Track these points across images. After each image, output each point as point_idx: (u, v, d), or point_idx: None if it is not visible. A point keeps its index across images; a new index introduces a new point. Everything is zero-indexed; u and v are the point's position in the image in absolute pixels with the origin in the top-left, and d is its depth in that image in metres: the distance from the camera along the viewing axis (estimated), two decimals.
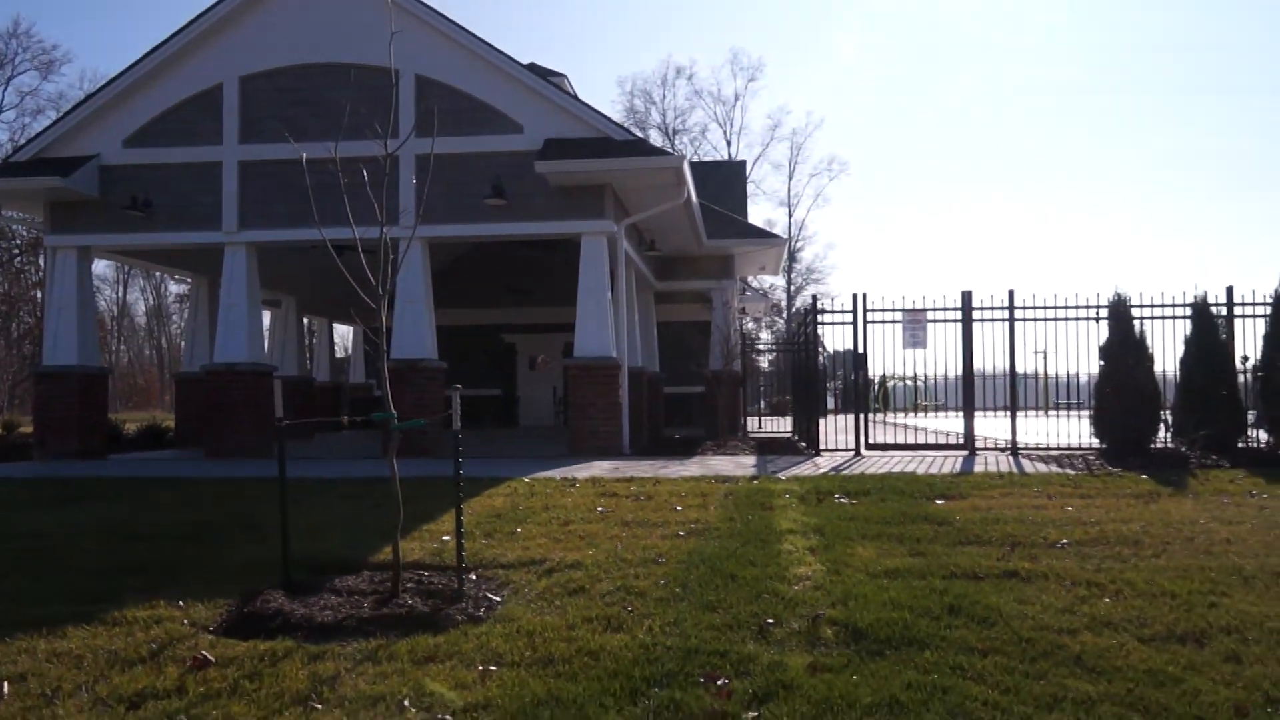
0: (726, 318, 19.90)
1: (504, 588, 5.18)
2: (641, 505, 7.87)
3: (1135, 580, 5.08)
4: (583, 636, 4.23)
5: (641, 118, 55.20)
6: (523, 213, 13.61)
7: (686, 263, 20.08)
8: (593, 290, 13.58)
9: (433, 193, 13.06)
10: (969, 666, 3.79)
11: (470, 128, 13.62)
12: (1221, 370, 11.68)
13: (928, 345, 13.27)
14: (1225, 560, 5.54)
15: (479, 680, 3.74)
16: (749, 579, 5.16)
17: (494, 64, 13.61)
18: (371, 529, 6.84)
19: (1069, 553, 5.84)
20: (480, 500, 8.20)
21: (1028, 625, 4.31)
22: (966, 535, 6.39)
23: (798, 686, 3.58)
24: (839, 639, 4.18)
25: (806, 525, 6.82)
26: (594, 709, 3.40)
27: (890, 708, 3.39)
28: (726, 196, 24.26)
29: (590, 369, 13.48)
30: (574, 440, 13.49)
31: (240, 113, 14.04)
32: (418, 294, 13.63)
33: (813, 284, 55.44)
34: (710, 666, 3.82)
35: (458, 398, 5.01)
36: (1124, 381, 11.38)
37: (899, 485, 8.64)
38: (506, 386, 24.87)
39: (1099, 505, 7.61)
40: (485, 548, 6.15)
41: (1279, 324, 11.82)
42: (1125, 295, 11.75)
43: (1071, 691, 3.53)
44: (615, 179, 13.52)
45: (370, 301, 5.02)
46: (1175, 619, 4.40)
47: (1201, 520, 6.85)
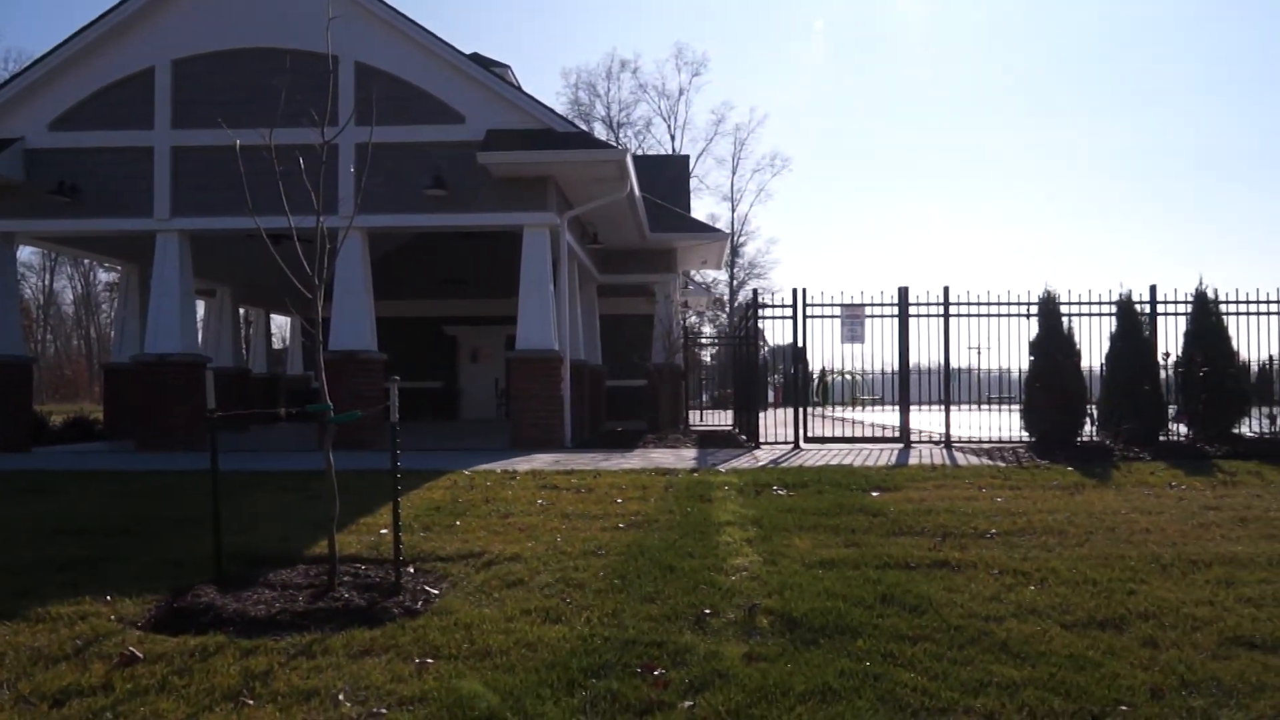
0: (669, 311, 19.98)
1: (442, 580, 5.16)
2: (582, 498, 7.89)
3: (1059, 569, 5.25)
4: (521, 628, 4.24)
5: (586, 110, 55.04)
6: (464, 204, 13.51)
7: (629, 256, 20.10)
8: (535, 283, 13.54)
9: (372, 182, 12.90)
10: (900, 654, 3.89)
11: (411, 117, 13.46)
12: (1145, 366, 12.07)
13: (865, 340, 13.51)
14: (1145, 549, 5.74)
15: (415, 673, 3.72)
16: (687, 570, 5.21)
17: (436, 53, 13.46)
18: (308, 522, 6.75)
19: (997, 542, 6.00)
20: (420, 493, 8.14)
21: (957, 613, 4.43)
22: (900, 526, 6.52)
23: (733, 676, 3.63)
24: (774, 628, 4.25)
25: (745, 517, 6.90)
26: (531, 700, 3.41)
27: (823, 695, 3.46)
28: (670, 190, 24.33)
29: (532, 362, 13.44)
30: (515, 433, 13.44)
31: (172, 97, 13.68)
32: (356, 285, 13.44)
33: (755, 278, 55.85)
34: (648, 657, 3.86)
35: (395, 389, 4.97)
36: (1053, 377, 11.69)
37: (836, 478, 8.78)
38: (448, 379, 24.65)
39: (1027, 496, 7.83)
40: (424, 540, 6.11)
41: (1199, 322, 12.26)
42: (1054, 293, 12.06)
43: (997, 676, 3.64)
44: (558, 171, 13.48)
45: (306, 292, 4.96)
46: (1096, 606, 4.55)
47: (1123, 511, 7.09)
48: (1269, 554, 5.55)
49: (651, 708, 3.37)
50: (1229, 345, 12.19)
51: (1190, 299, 12.51)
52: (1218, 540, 6.02)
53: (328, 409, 4.93)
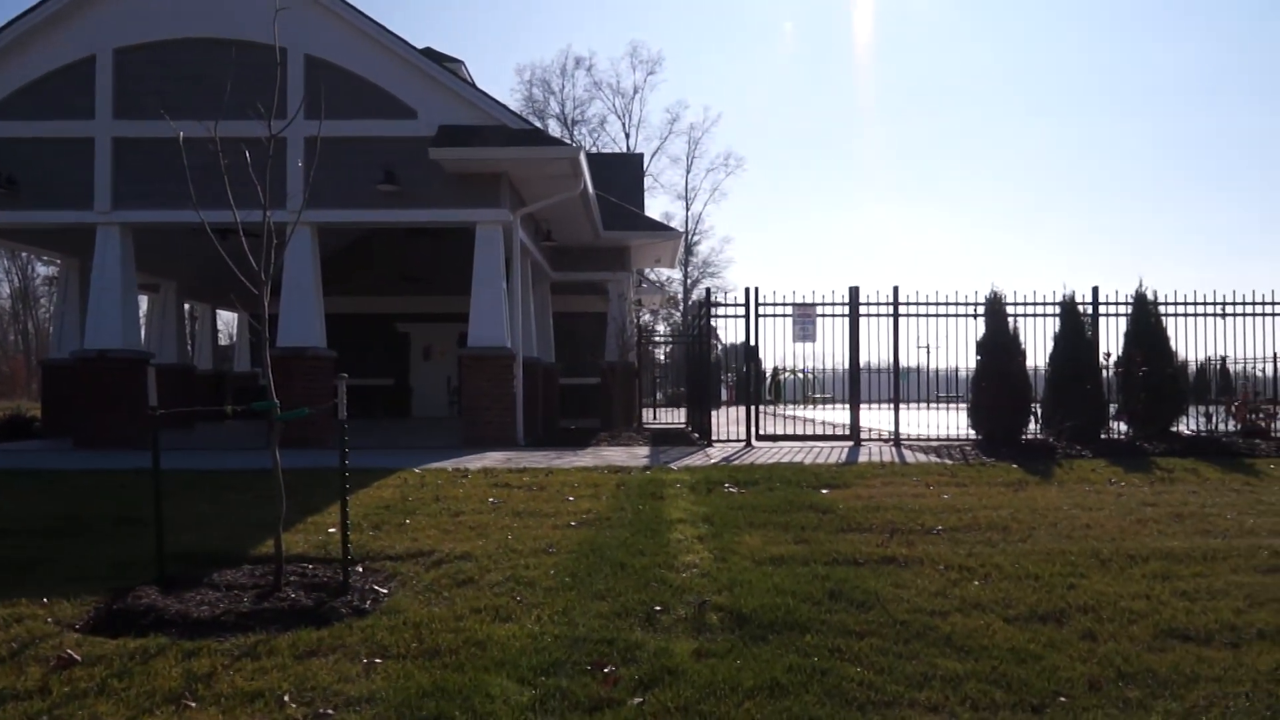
0: (622, 309, 19.98)
1: (391, 580, 5.11)
2: (534, 496, 7.86)
3: (1003, 564, 5.35)
4: (471, 627, 4.22)
5: (540, 107, 54.77)
6: (416, 200, 13.38)
7: (583, 254, 20.07)
8: (487, 280, 13.46)
9: (322, 177, 12.71)
10: (847, 649, 3.94)
11: (362, 111, 13.30)
12: (1087, 366, 12.34)
13: (817, 339, 13.64)
14: (1085, 544, 5.88)
15: (364, 673, 3.69)
16: (638, 568, 5.22)
17: (388, 47, 13.32)
18: (254, 522, 6.64)
19: (943, 539, 6.10)
20: (369, 492, 8.06)
21: (903, 608, 4.50)
22: (849, 523, 6.60)
23: (683, 672, 3.65)
24: (724, 625, 4.28)
25: (696, 514, 6.93)
26: (480, 699, 3.40)
27: (771, 690, 3.50)
28: (624, 189, 24.32)
29: (484, 359, 13.36)
30: (467, 431, 13.35)
31: (114, 87, 13.35)
32: (305, 280, 13.25)
33: (709, 277, 56.03)
34: (598, 654, 3.87)
35: (344, 387, 4.91)
36: (998, 375, 11.91)
37: (786, 475, 8.86)
38: (399, 376, 24.40)
39: (972, 493, 7.97)
40: (373, 539, 6.05)
41: (1139, 323, 12.57)
42: (1001, 294, 12.29)
43: (941, 670, 3.70)
44: (511, 168, 13.42)
45: (252, 288, 4.88)
46: (1038, 600, 4.65)
47: (1065, 507, 7.25)
48: (1203, 549, 5.72)
49: (601, 705, 3.37)
50: (1167, 346, 12.51)
51: (1131, 300, 12.82)
52: (1155, 535, 6.18)
53: (274, 407, 4.86)
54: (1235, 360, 14.10)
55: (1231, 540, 5.98)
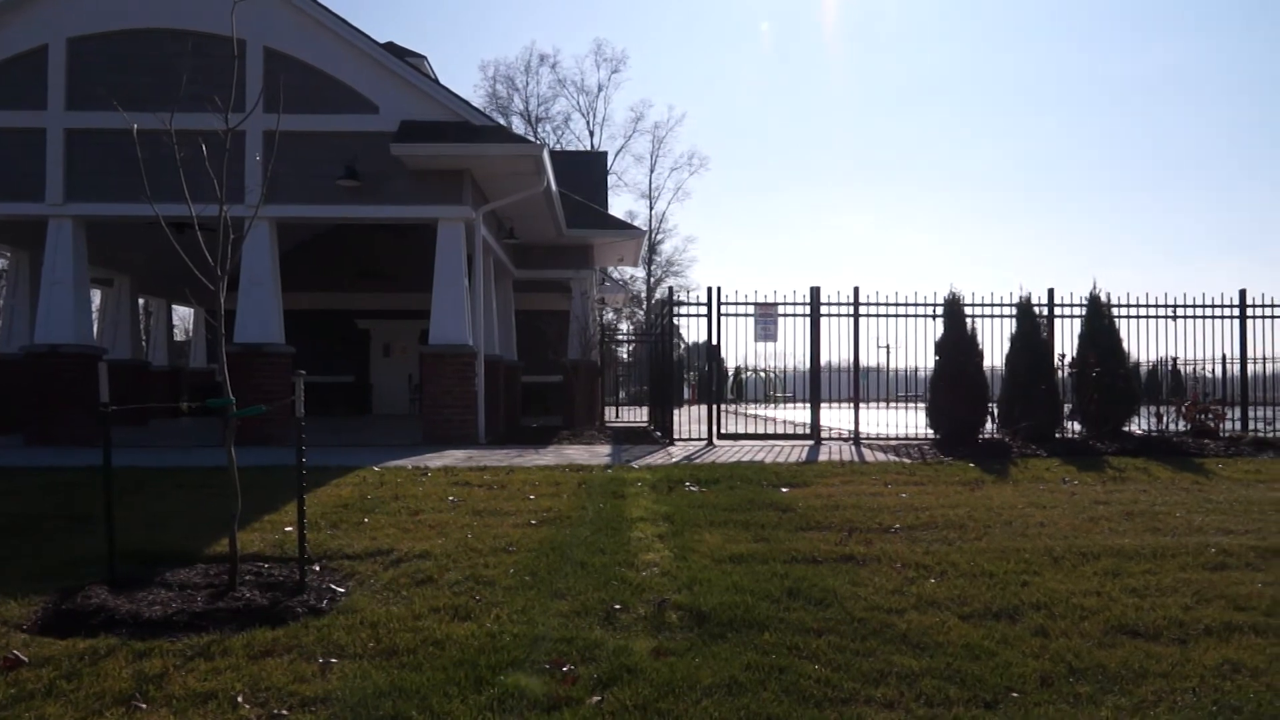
0: (585, 307, 19.95)
1: (349, 579, 5.06)
2: (494, 494, 7.83)
3: (959, 562, 5.42)
4: (429, 626, 4.19)
5: (504, 104, 54.50)
6: (378, 195, 13.26)
7: (546, 252, 20.01)
8: (449, 277, 13.37)
9: (282, 171, 12.57)
10: (805, 646, 3.97)
11: (323, 105, 13.15)
12: (1042, 366, 12.54)
13: (779, 338, 13.73)
14: (1038, 542, 5.97)
15: (319, 673, 3.65)
16: (598, 566, 5.22)
17: (349, 41, 13.17)
18: (209, 520, 6.54)
19: (901, 537, 6.17)
20: (327, 490, 7.97)
21: (860, 606, 4.54)
22: (808, 521, 6.65)
23: (641, 670, 3.66)
24: (683, 623, 4.30)
25: (657, 513, 6.95)
26: (437, 698, 3.38)
27: (729, 688, 3.52)
28: (588, 186, 24.28)
29: (446, 357, 13.27)
30: (428, 429, 13.26)
31: (67, 77, 13.07)
32: (264, 276, 13.07)
33: (673, 276, 56.16)
34: (557, 653, 3.86)
35: (301, 383, 4.86)
36: (956, 375, 12.06)
37: (747, 474, 8.90)
38: (360, 373, 24.18)
39: (930, 492, 8.07)
40: (330, 538, 5.99)
41: (1093, 324, 12.80)
42: (959, 295, 12.44)
43: (897, 667, 3.74)
44: (474, 165, 13.33)
45: (208, 283, 4.80)
46: (992, 597, 4.72)
47: (1019, 506, 7.36)
48: (1153, 546, 5.83)
49: (560, 704, 3.37)
50: (1120, 347, 12.75)
51: (1085, 302, 13.05)
52: (1106, 533, 6.30)
53: (230, 403, 4.79)
54: (1186, 362, 14.42)
55: (1180, 538, 6.11)
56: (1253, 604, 4.59)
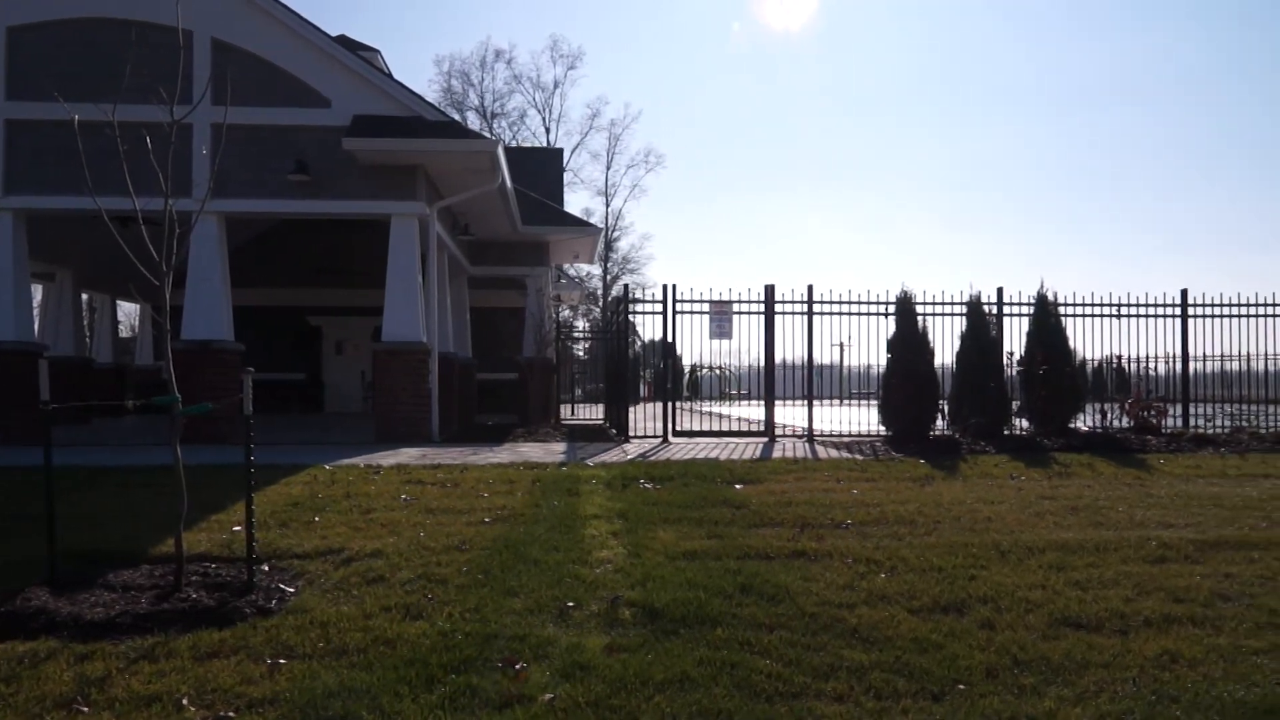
0: (541, 304, 19.90)
1: (299, 578, 5.00)
2: (448, 492, 7.78)
3: (908, 557, 5.50)
4: (380, 625, 4.15)
5: (459, 99, 54.11)
6: (329, 191, 13.09)
7: (501, 248, 19.92)
8: (402, 273, 13.25)
9: (231, 165, 12.36)
10: (756, 642, 3.99)
11: (273, 99, 12.94)
12: (991, 364, 12.77)
13: (733, 336, 13.81)
14: (986, 537, 6.08)
15: (267, 674, 3.60)
16: (552, 564, 5.21)
17: (300, 33, 12.97)
18: (154, 520, 6.41)
19: (852, 533, 6.24)
20: (277, 489, 7.86)
21: (811, 601, 4.58)
22: (761, 518, 6.70)
23: (594, 667, 3.65)
24: (636, 620, 4.30)
25: (611, 510, 6.95)
26: (388, 698, 3.35)
27: (681, 684, 3.53)
28: (544, 183, 24.21)
29: (399, 354, 13.16)
30: (381, 427, 13.13)
31: (8, 66, 12.72)
32: (212, 271, 12.84)
33: (629, 274, 56.17)
34: (509, 651, 3.85)
35: (249, 380, 4.78)
36: (908, 373, 12.23)
37: (701, 471, 8.94)
38: (312, 371, 23.86)
39: (881, 488, 8.17)
40: (280, 537, 5.91)
41: (1040, 323, 13.06)
42: (911, 294, 12.62)
43: (847, 661, 3.78)
44: (428, 160, 13.22)
45: (153, 278, 4.70)
46: (941, 591, 4.79)
47: (968, 501, 7.48)
48: (1096, 540, 5.96)
49: (512, 701, 3.36)
50: (1067, 345, 13.03)
51: (1033, 301, 13.30)
52: (1051, 528, 6.43)
53: (176, 401, 4.70)
54: (1130, 359, 14.76)
55: (1122, 532, 6.26)
56: (1191, 596, 4.71)
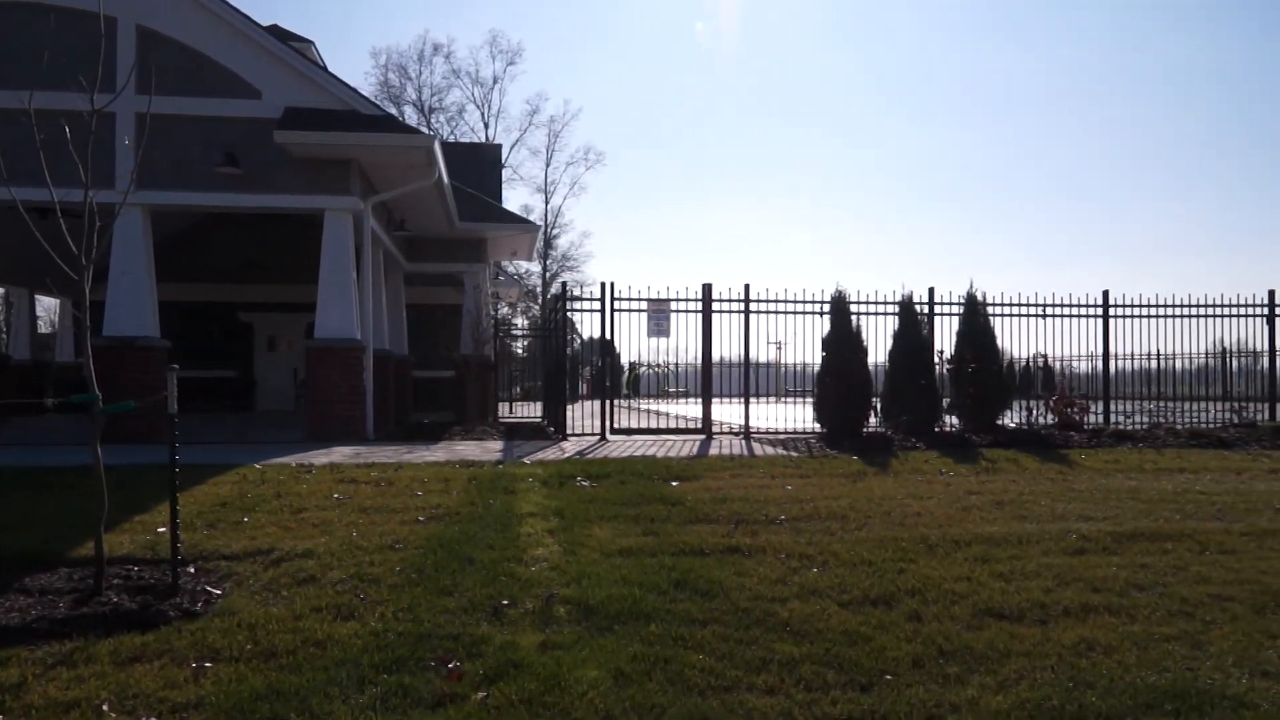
0: (478, 301, 19.75)
1: (226, 580, 4.90)
2: (381, 491, 7.68)
3: (840, 551, 5.59)
4: (310, 626, 4.09)
5: (396, 93, 53.39)
6: (260, 184, 12.81)
7: (438, 245, 19.71)
8: (336, 269, 13.03)
9: (156, 156, 12.04)
10: (690, 637, 4.03)
11: (201, 89, 12.62)
12: (923, 363, 13.03)
13: (671, 334, 13.87)
14: (915, 531, 6.21)
15: (192, 678, 3.52)
16: (487, 562, 5.19)
17: (229, 22, 12.67)
18: (74, 522, 6.21)
19: (786, 528, 6.32)
20: (205, 489, 7.68)
21: (745, 596, 4.64)
22: (697, 514, 6.75)
23: (528, 665, 3.65)
24: (571, 617, 4.31)
25: (547, 508, 6.94)
26: (318, 700, 3.31)
27: (615, 679, 3.54)
28: (482, 179, 24.03)
29: (332, 351, 12.95)
30: (314, 425, 12.91)
31: None
32: (136, 266, 12.48)
33: (568, 271, 56.06)
34: (443, 650, 3.82)
35: (174, 377, 4.67)
36: (842, 371, 12.42)
37: (638, 468, 8.97)
38: (243, 369, 23.33)
39: (815, 484, 8.29)
40: (207, 538, 5.78)
41: (970, 322, 13.37)
42: (845, 293, 12.81)
43: (779, 654, 3.84)
44: (362, 155, 13.02)
45: (71, 272, 4.56)
46: (870, 585, 4.88)
47: (899, 497, 7.64)
48: (1019, 533, 6.14)
49: (444, 700, 3.34)
50: (995, 344, 13.35)
51: (963, 301, 13.61)
52: (977, 522, 6.59)
53: (96, 399, 4.57)
54: (1055, 358, 15.20)
55: (1044, 525, 6.45)
56: (1108, 586, 4.88)
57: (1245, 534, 6.15)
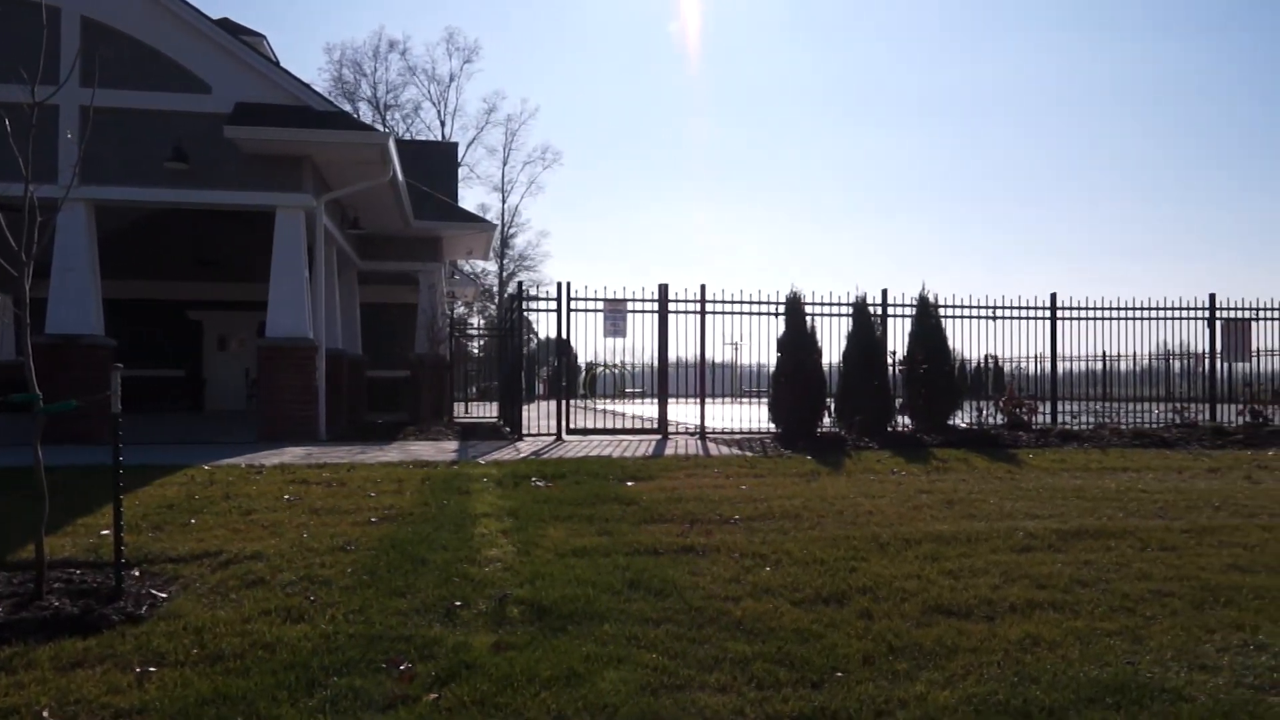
0: (433, 300, 19.60)
1: (172, 583, 4.81)
2: (334, 492, 7.59)
3: (793, 550, 5.64)
4: (258, 629, 4.03)
5: (351, 89, 52.79)
6: (210, 180, 12.59)
7: (393, 243, 19.53)
8: (288, 267, 12.85)
9: (102, 151, 11.78)
10: (643, 636, 4.04)
11: (149, 82, 12.38)
12: (876, 363, 13.20)
13: (628, 334, 13.88)
14: (867, 530, 6.28)
15: (136, 683, 3.45)
16: (440, 563, 5.15)
17: (177, 14, 12.44)
18: (14, 525, 6.05)
19: (740, 528, 6.36)
20: (151, 490, 7.53)
21: (698, 595, 4.66)
22: (652, 514, 6.77)
23: (481, 666, 3.63)
24: (524, 617, 4.29)
25: (502, 509, 6.91)
26: (265, 703, 3.26)
27: (568, 679, 3.54)
28: (438, 177, 23.84)
29: (284, 350, 12.76)
30: (265, 426, 12.72)
31: None
32: (80, 262, 12.20)
33: (525, 270, 55.86)
34: (394, 652, 3.79)
35: (118, 376, 4.57)
36: (796, 371, 12.53)
37: (593, 468, 8.97)
38: (192, 368, 22.91)
39: (769, 484, 8.35)
40: (153, 541, 5.67)
41: (921, 324, 13.56)
42: (800, 294, 12.93)
43: (731, 653, 3.86)
44: (315, 151, 12.86)
45: (10, 269, 4.45)
46: (822, 583, 4.93)
47: (851, 496, 7.72)
48: (968, 531, 6.24)
49: (395, 702, 3.31)
50: (946, 345, 13.57)
51: (915, 303, 13.80)
52: (928, 520, 6.69)
53: (36, 398, 4.46)
54: (1006, 359, 15.48)
55: (993, 523, 6.56)
56: (1053, 582, 4.98)
57: (1185, 531, 6.31)
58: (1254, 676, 3.65)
